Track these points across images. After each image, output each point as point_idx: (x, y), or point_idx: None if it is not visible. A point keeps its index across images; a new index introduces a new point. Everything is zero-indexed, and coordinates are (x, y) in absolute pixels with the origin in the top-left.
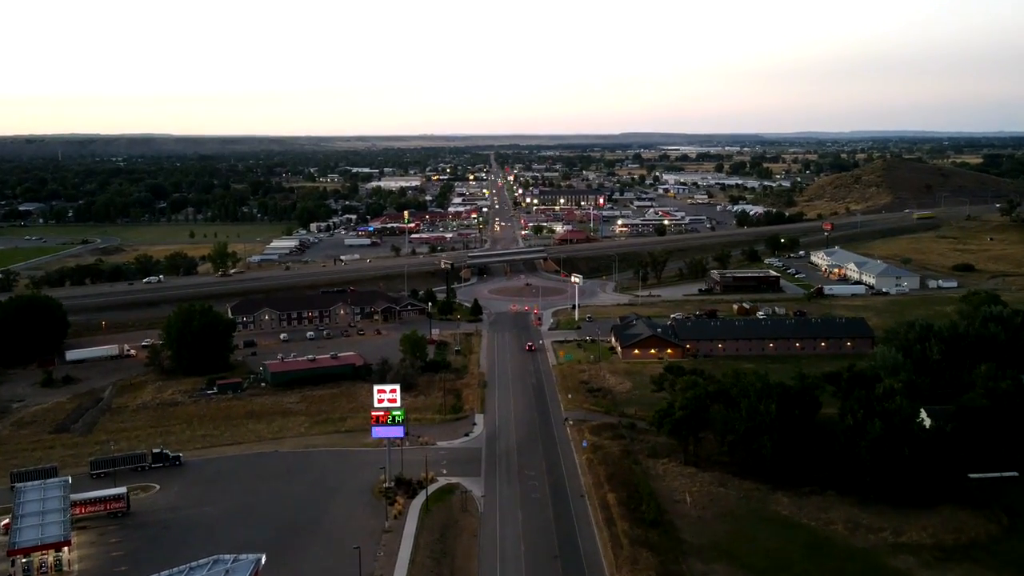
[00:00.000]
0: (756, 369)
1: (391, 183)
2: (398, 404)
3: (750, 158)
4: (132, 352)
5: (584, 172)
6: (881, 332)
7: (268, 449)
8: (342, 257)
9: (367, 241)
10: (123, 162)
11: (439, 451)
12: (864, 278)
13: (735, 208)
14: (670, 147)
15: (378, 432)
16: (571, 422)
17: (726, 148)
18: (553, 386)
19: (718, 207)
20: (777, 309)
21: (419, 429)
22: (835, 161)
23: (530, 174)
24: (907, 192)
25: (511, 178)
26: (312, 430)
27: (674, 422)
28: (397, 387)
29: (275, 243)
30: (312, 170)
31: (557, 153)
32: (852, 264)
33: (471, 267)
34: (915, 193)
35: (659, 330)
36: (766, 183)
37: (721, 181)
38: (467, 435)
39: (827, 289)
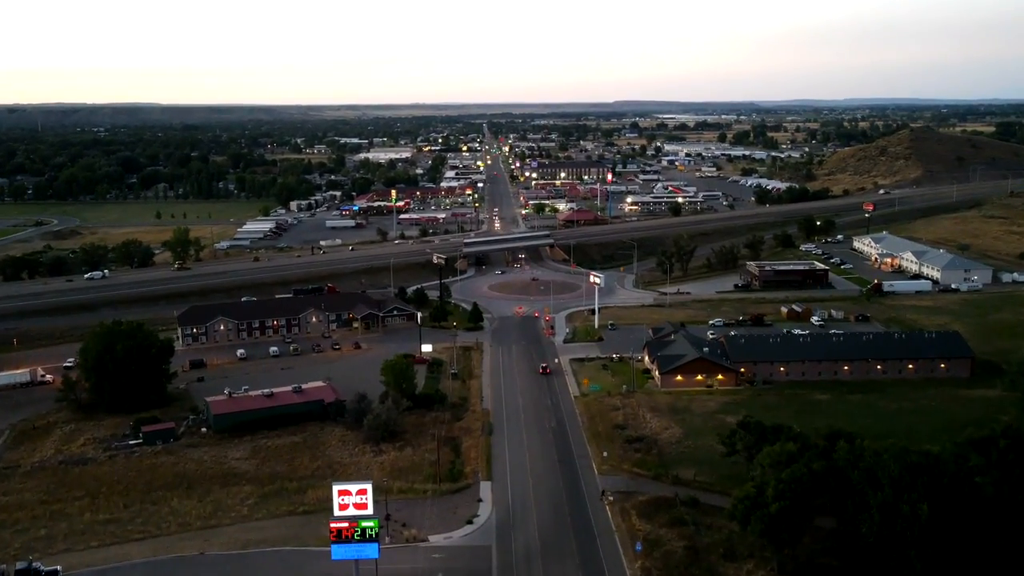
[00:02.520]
0: (828, 398)
1: (380, 155)
2: (370, 510)
3: (751, 127)
4: (49, 378)
5: (581, 142)
6: (971, 343)
7: (192, 549)
8: (321, 243)
9: (351, 223)
10: (105, 132)
11: (431, 553)
12: (926, 270)
13: (748, 182)
14: (666, 115)
15: (340, 553)
16: (611, 497)
17: (723, 116)
18: (579, 431)
19: (728, 180)
20: (834, 312)
21: (405, 509)
22: (840, 130)
23: (525, 144)
24: (938, 165)
25: (506, 149)
26: (259, 509)
27: (768, 519)
28: (368, 487)
29: (248, 225)
30: (298, 141)
31: (551, 122)
32: (909, 253)
33: (467, 256)
34: (947, 166)
35: (706, 349)
36: (774, 154)
37: (726, 151)
38: (471, 522)
39: (887, 285)
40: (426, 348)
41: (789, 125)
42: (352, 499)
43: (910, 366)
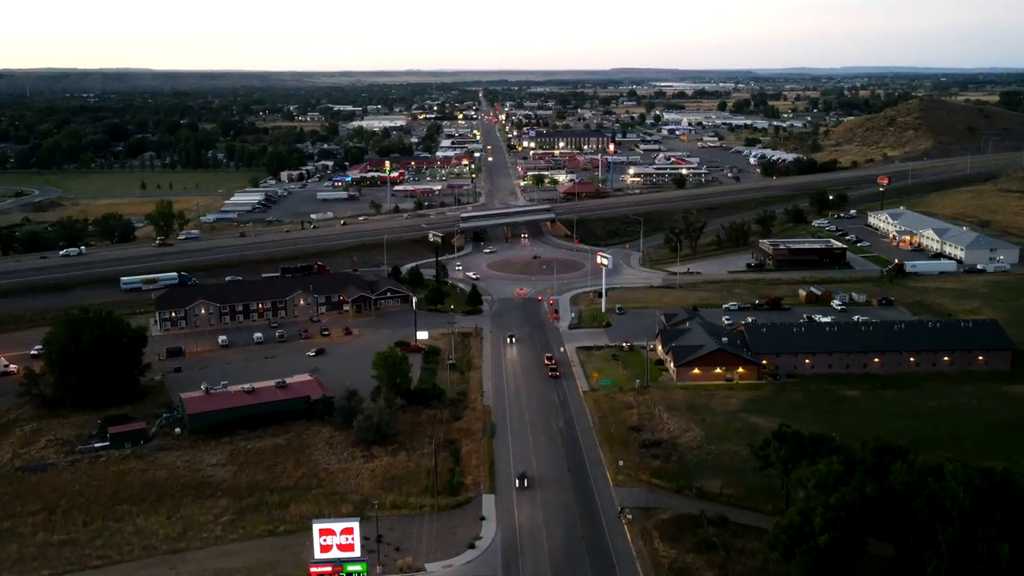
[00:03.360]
0: (859, 394)
1: (374, 123)
2: (356, 552)
3: (751, 95)
4: (13, 368)
5: (579, 110)
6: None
7: None
8: (312, 216)
9: (343, 194)
10: (94, 98)
11: None
12: (948, 249)
13: (752, 152)
14: (663, 83)
15: None
16: (629, 515)
17: (720, 84)
18: (590, 433)
19: (731, 150)
20: (855, 295)
21: (399, 529)
22: (841, 99)
23: (522, 112)
24: (949, 136)
25: (502, 117)
26: (234, 528)
27: (816, 553)
28: (355, 525)
29: (236, 197)
30: (291, 108)
31: (548, 90)
32: (930, 231)
33: (464, 232)
34: (958, 137)
35: (724, 340)
36: (776, 123)
37: (727, 121)
38: (473, 546)
39: (909, 266)
40: (422, 335)
41: (789, 94)
42: (336, 539)
43: (945, 358)
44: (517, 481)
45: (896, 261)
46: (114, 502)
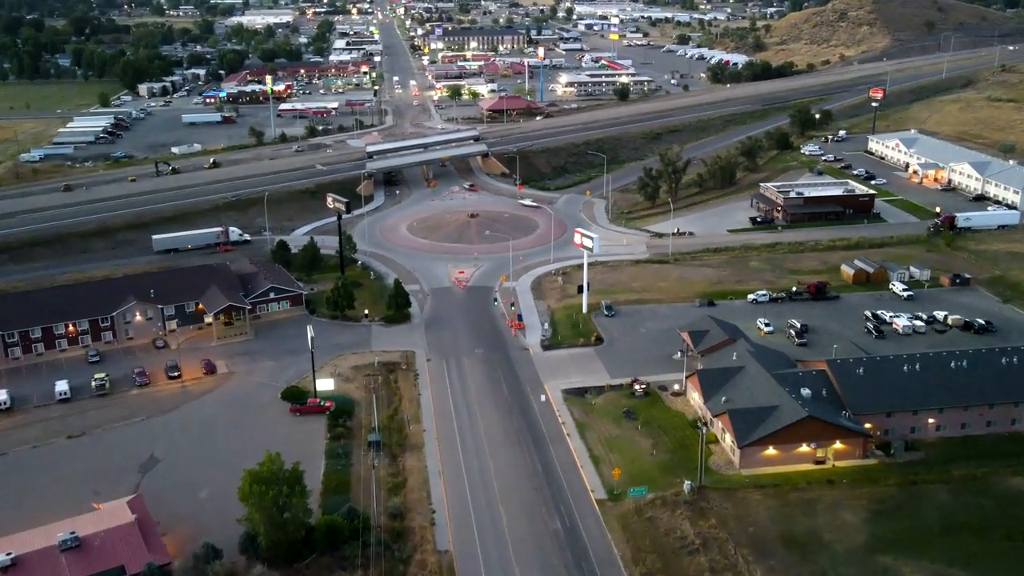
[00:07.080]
0: None
1: (256, 18)
2: None
3: None
4: None
5: (483, 2)
6: None
7: None
8: (173, 150)
9: (216, 116)
10: None
11: None
12: (993, 191)
13: (688, 53)
14: None
15: None
16: None
17: None
18: None
19: (662, 50)
20: (915, 270)
21: None
22: None
23: (422, 5)
24: (906, 32)
25: (400, 11)
26: None
27: None
28: None
29: (77, 122)
30: (161, 0)
31: None
32: (966, 165)
33: (373, 175)
34: (915, 33)
35: (806, 392)
36: (697, 16)
37: (645, 14)
38: None
39: (962, 218)
40: (325, 385)
41: None
42: None
43: None
44: None
45: (938, 209)
46: None
